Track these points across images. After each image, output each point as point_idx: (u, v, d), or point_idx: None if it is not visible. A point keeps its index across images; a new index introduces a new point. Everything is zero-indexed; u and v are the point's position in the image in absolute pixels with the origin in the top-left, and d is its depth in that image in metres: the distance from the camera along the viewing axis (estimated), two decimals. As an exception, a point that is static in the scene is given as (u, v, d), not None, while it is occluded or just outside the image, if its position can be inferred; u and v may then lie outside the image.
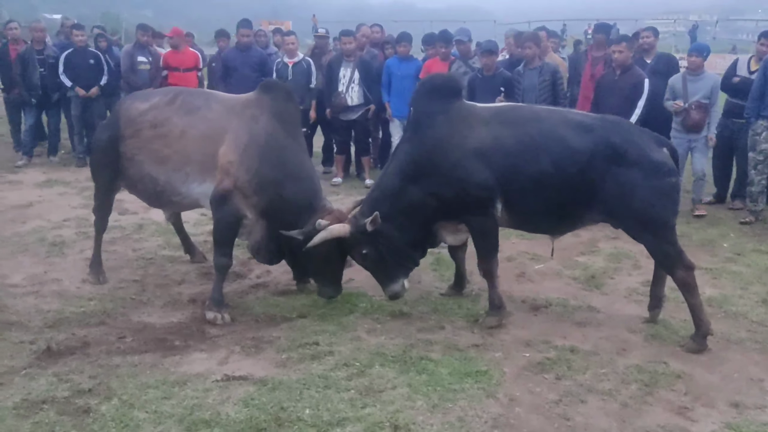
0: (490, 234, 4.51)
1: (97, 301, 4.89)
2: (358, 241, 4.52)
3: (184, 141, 4.69)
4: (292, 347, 4.17)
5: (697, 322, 4.24)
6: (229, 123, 4.67)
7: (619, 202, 4.21)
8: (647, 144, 4.27)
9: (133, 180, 4.96)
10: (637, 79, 6.83)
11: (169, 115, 4.76)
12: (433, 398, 3.59)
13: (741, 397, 3.69)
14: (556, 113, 4.64)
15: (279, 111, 4.73)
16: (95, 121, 9.57)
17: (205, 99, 4.93)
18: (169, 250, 6.06)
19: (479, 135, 4.37)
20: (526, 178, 4.29)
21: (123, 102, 5.09)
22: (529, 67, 7.31)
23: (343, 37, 8.78)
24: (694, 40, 32.02)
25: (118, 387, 3.68)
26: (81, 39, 9.45)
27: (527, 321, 4.69)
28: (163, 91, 5.23)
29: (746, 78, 7.28)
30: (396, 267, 4.63)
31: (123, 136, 4.84)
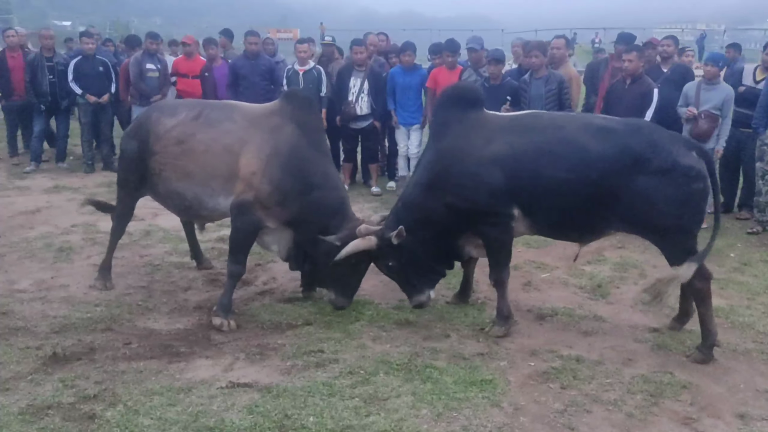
0: (503, 244, 4.48)
1: (103, 307, 4.91)
2: (383, 254, 4.59)
3: (209, 156, 4.71)
4: (297, 355, 4.17)
5: (705, 332, 4.22)
6: (252, 134, 4.69)
7: (642, 208, 4.10)
8: (674, 147, 4.12)
9: (162, 195, 5.04)
10: (647, 89, 6.82)
11: (194, 130, 4.79)
12: (437, 407, 3.59)
13: (747, 408, 3.67)
14: (577, 119, 4.62)
15: (302, 121, 4.75)
16: (104, 128, 9.69)
17: (228, 112, 4.91)
18: (176, 256, 6.09)
19: (495, 143, 4.35)
20: (545, 184, 4.21)
21: (150, 115, 5.05)
22: (535, 77, 7.31)
23: (354, 47, 8.74)
24: (701, 49, 31.97)
25: (124, 393, 3.69)
26: (90, 47, 9.51)
27: (533, 330, 4.68)
28: (188, 105, 5.24)
29: (752, 87, 7.26)
30: (421, 278, 4.71)
31: (151, 151, 4.88)
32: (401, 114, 8.53)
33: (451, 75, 8.18)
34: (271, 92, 8.84)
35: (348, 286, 4.78)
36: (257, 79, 9.01)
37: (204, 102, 5.47)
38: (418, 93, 8.59)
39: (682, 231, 4.15)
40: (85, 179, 9.19)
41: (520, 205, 4.34)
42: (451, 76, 8.17)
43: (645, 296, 4.38)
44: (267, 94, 8.70)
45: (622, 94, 6.87)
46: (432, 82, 8.33)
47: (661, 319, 4.87)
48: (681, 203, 4.05)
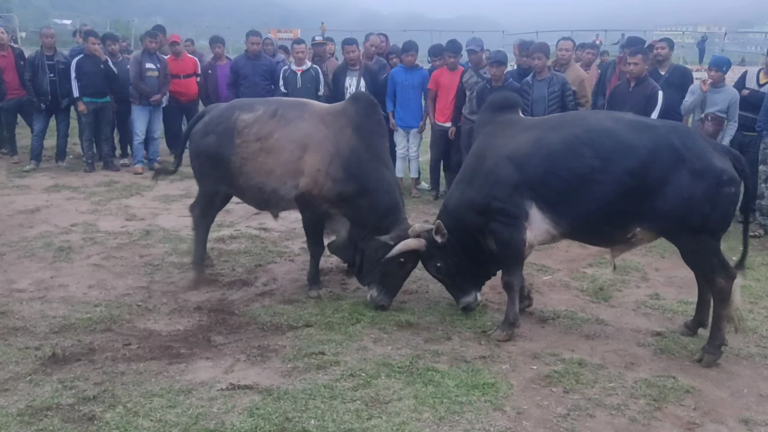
0: (514, 245, 4.44)
1: (103, 307, 4.88)
2: (431, 255, 4.74)
3: (286, 154, 4.97)
4: (297, 356, 4.14)
5: (715, 331, 4.19)
6: (319, 133, 4.96)
7: (672, 205, 4.03)
8: (709, 150, 4.08)
9: (242, 189, 5.23)
10: (651, 91, 6.80)
11: (272, 128, 5.03)
12: (439, 410, 3.56)
13: (751, 413, 3.64)
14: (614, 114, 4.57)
15: (362, 124, 4.97)
16: (104, 127, 9.65)
17: (300, 110, 5.15)
18: (176, 256, 6.06)
19: (517, 140, 4.41)
20: (573, 176, 4.17)
21: (231, 113, 5.20)
22: (537, 78, 7.28)
23: (346, 46, 8.70)
24: (703, 52, 32.05)
25: (123, 394, 3.66)
26: (95, 48, 9.46)
27: (535, 333, 4.65)
28: (265, 102, 5.40)
29: (755, 91, 7.24)
30: (467, 280, 4.82)
31: (233, 147, 5.07)
32: (401, 115, 8.51)
33: (452, 76, 8.19)
34: (271, 92, 8.85)
35: (391, 285, 4.91)
36: (258, 79, 9.06)
37: (278, 100, 5.69)
38: (419, 93, 8.57)
39: (708, 233, 4.10)
40: (84, 178, 9.17)
41: (540, 201, 4.30)
42: (452, 77, 8.18)
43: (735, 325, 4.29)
44: (267, 94, 8.71)
45: (627, 96, 6.85)
46: (433, 83, 8.33)
47: (664, 323, 4.85)
48: (710, 205, 4.01)
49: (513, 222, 4.39)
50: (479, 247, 4.71)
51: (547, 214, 4.34)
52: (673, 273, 5.85)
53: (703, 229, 4.07)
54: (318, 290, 5.16)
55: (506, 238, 4.45)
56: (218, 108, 5.48)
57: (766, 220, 7.08)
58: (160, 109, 9.87)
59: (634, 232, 4.22)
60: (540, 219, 4.37)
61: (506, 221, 4.40)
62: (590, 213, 4.21)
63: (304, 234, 6.77)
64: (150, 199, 8.20)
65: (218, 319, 4.72)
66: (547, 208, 4.32)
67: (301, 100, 5.64)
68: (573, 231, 4.43)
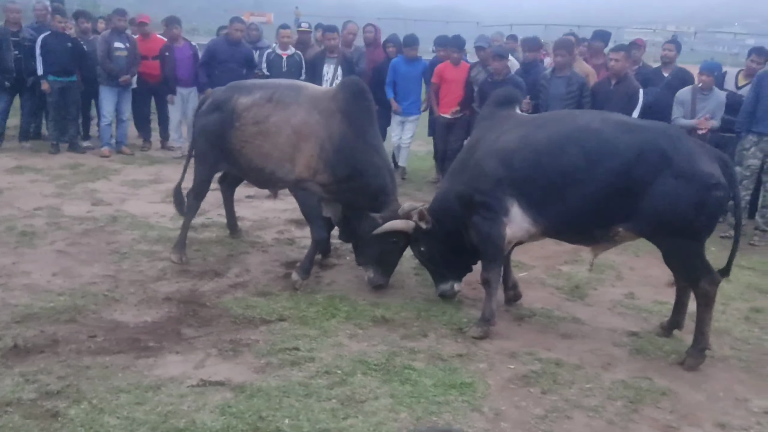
0: (492, 240, 4.41)
1: (67, 296, 4.69)
2: (417, 238, 4.87)
3: (281, 138, 5.04)
4: (271, 352, 4.03)
5: (699, 336, 4.18)
6: (313, 118, 5.01)
7: (656, 207, 3.99)
8: (697, 154, 4.04)
9: (244, 169, 5.39)
10: (632, 90, 6.80)
11: (268, 112, 5.11)
12: (417, 410, 3.49)
13: (727, 417, 3.64)
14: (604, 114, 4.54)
15: (352, 109, 4.99)
16: (71, 107, 9.33)
17: (296, 93, 5.21)
18: (144, 244, 5.87)
19: (506, 136, 4.40)
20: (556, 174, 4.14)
21: (231, 95, 5.30)
22: (557, 75, 7.20)
23: (326, 33, 8.74)
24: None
25: (89, 390, 3.52)
26: (63, 26, 9.13)
27: (511, 331, 4.61)
28: (262, 85, 5.50)
29: (733, 93, 7.29)
30: (448, 268, 4.91)
31: (233, 129, 5.19)
32: (401, 104, 8.74)
33: (456, 70, 8.35)
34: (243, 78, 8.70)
35: (387, 265, 5.07)
36: (234, 65, 8.97)
37: (276, 82, 5.69)
38: (418, 84, 8.82)
39: (691, 237, 4.07)
40: (49, 160, 8.86)
41: (522, 198, 4.26)
42: (456, 71, 8.34)
43: None
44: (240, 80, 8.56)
45: (609, 95, 6.85)
46: (437, 77, 8.46)
47: (639, 323, 4.85)
48: (696, 209, 3.96)
49: (493, 217, 4.36)
50: (462, 238, 4.70)
51: (528, 211, 4.30)
52: (648, 272, 5.87)
53: (687, 233, 4.03)
54: (303, 280, 5.07)
55: (486, 233, 4.43)
56: (218, 90, 5.61)
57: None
58: (129, 90, 9.60)
59: (616, 232, 4.18)
60: (520, 216, 4.33)
61: (487, 215, 4.39)
62: (572, 212, 4.17)
63: (276, 224, 6.73)
64: (118, 184, 7.97)
65: (189, 311, 4.57)
66: (529, 205, 4.28)
67: (297, 83, 5.72)
68: (554, 229, 4.38)
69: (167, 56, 9.45)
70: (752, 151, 6.94)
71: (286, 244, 6.14)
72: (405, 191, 8.13)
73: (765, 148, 6.91)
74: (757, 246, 6.94)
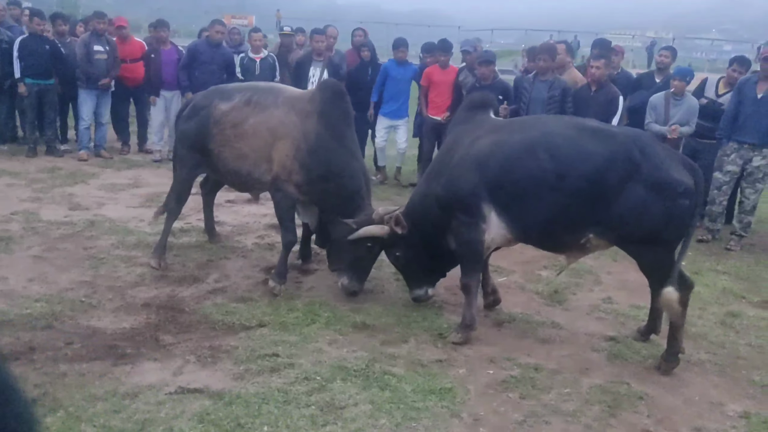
0: (474, 247, 4.41)
1: (44, 302, 4.64)
2: (392, 243, 4.84)
3: (259, 140, 5.07)
4: (250, 358, 4.01)
5: (672, 341, 4.22)
6: (290, 119, 5.03)
7: (627, 214, 4.01)
8: (668, 161, 4.07)
9: (222, 172, 5.42)
10: (612, 96, 6.89)
11: (246, 114, 5.14)
12: (396, 416, 3.49)
13: (703, 421, 3.69)
14: (576, 120, 4.58)
15: (329, 111, 5.00)
16: (48, 110, 9.23)
17: (274, 96, 5.23)
18: (122, 249, 5.82)
19: (481, 141, 4.40)
20: (528, 180, 4.16)
21: (210, 100, 5.34)
22: (540, 79, 7.26)
23: (315, 35, 8.80)
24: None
25: (65, 398, 3.48)
26: (41, 28, 9.03)
27: (491, 336, 4.63)
28: (241, 89, 5.49)
29: (713, 101, 7.41)
30: (424, 273, 4.91)
31: (211, 134, 5.23)
32: (391, 107, 8.81)
33: (444, 74, 8.45)
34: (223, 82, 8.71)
35: (360, 270, 5.04)
36: (215, 68, 8.96)
37: (254, 86, 5.68)
38: (408, 87, 8.93)
39: (661, 244, 4.09)
40: (26, 164, 8.75)
41: (497, 204, 4.28)
42: (444, 74, 8.44)
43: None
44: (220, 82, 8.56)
45: (589, 101, 6.91)
46: (426, 80, 8.55)
47: (617, 328, 4.89)
48: (665, 216, 4.00)
49: (472, 222, 4.37)
50: (438, 243, 4.70)
51: (503, 216, 4.32)
52: (625, 277, 5.92)
53: (657, 240, 4.07)
54: (281, 285, 5.07)
55: (465, 238, 4.44)
56: (199, 95, 5.63)
57: (714, 225, 7.25)
58: (108, 94, 9.51)
59: (587, 239, 4.21)
60: (497, 221, 4.35)
61: (466, 220, 4.39)
62: (543, 218, 4.20)
63: (256, 229, 6.71)
64: (95, 188, 7.89)
65: (167, 317, 4.54)
66: (503, 210, 4.30)
67: (276, 86, 5.77)
68: (526, 235, 4.41)
69: (153, 58, 9.40)
70: (732, 157, 7.05)
71: (267, 249, 6.12)
72: (387, 195, 8.15)
73: (745, 155, 7.03)
74: (732, 251, 7.03)
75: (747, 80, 7.10)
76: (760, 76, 6.99)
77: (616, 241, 4.26)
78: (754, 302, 5.55)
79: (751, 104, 6.89)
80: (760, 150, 6.96)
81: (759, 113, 6.86)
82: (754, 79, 7.04)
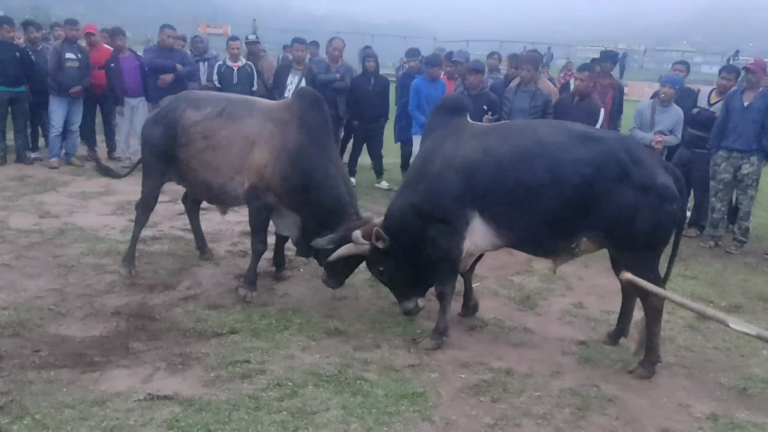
0: (451, 256, 4.39)
1: (11, 310, 4.57)
2: (374, 258, 4.65)
3: (232, 151, 4.99)
4: (221, 365, 3.99)
5: (650, 348, 4.25)
6: (266, 129, 4.96)
7: (614, 219, 4.03)
8: (653, 166, 4.09)
9: (191, 183, 5.32)
10: (594, 108, 7.05)
11: (218, 126, 5.04)
12: (368, 421, 3.49)
13: (670, 422, 3.74)
14: (563, 125, 4.57)
15: (308, 120, 4.95)
16: (18, 118, 9.12)
17: (248, 107, 5.15)
18: (92, 257, 5.75)
19: (464, 148, 4.32)
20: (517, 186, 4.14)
21: (177, 107, 5.22)
22: (522, 89, 7.34)
23: (295, 44, 8.95)
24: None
25: (32, 405, 3.43)
26: (10, 35, 8.92)
27: (463, 341, 4.65)
28: (213, 100, 5.33)
29: (705, 110, 7.60)
30: (409, 285, 4.72)
31: (179, 143, 5.12)
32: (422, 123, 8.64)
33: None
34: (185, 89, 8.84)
35: (341, 272, 4.96)
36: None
37: (226, 97, 5.54)
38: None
39: (647, 248, 4.11)
40: (-6, 171, 8.63)
41: (482, 211, 4.26)
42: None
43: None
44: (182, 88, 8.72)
45: (570, 110, 7.04)
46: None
47: (587, 332, 4.95)
48: (651, 220, 4.00)
49: (451, 231, 4.33)
50: (420, 253, 4.59)
51: (492, 224, 4.29)
52: (596, 282, 6.00)
53: (643, 244, 4.08)
54: (251, 292, 5.03)
55: (443, 247, 4.39)
56: (167, 100, 5.49)
57: (716, 232, 7.46)
58: (80, 102, 9.43)
59: (578, 243, 4.22)
60: (484, 229, 4.32)
61: (445, 230, 4.34)
62: (535, 223, 4.18)
63: (229, 236, 6.67)
64: (66, 196, 7.79)
65: (137, 325, 4.50)
66: (492, 218, 4.27)
67: (249, 98, 5.69)
68: (517, 241, 4.39)
69: (113, 67, 9.34)
70: (723, 166, 7.25)
71: (240, 257, 6.09)
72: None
73: (735, 162, 7.21)
74: (734, 254, 7.27)
75: (734, 93, 7.34)
76: (746, 86, 7.22)
77: (604, 245, 4.25)
78: (721, 307, 5.64)
79: (738, 113, 7.12)
80: (748, 158, 7.16)
81: (746, 120, 7.08)
82: (740, 89, 7.29)
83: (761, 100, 7.03)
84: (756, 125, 7.06)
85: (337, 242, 4.71)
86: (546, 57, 26.11)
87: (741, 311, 5.62)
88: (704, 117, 7.51)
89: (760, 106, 7.01)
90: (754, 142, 7.11)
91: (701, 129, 7.49)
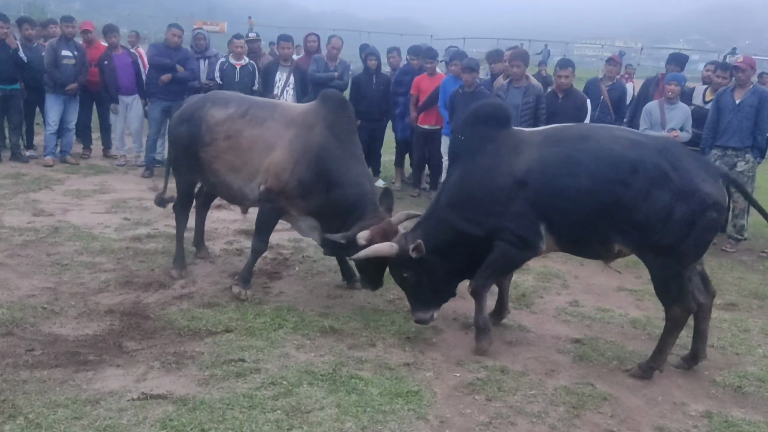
0: (514, 264, 4.39)
1: (5, 309, 4.54)
2: (401, 263, 4.46)
3: (253, 153, 4.98)
4: (216, 364, 3.97)
5: (656, 355, 4.22)
6: (288, 132, 4.94)
7: (649, 224, 3.93)
8: (697, 172, 3.96)
9: (213, 183, 5.31)
10: (580, 102, 7.10)
11: (241, 127, 5.04)
12: (362, 420, 3.48)
13: (665, 421, 3.74)
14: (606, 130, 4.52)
15: (333, 121, 4.92)
16: (12, 115, 9.09)
17: (271, 110, 5.14)
18: (86, 255, 5.73)
19: (524, 161, 4.19)
20: (567, 198, 4.07)
21: (203, 105, 5.23)
22: (514, 85, 7.35)
23: (282, 42, 8.92)
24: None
25: (25, 404, 3.41)
26: (3, 32, 8.89)
27: (459, 339, 4.65)
28: (237, 101, 5.30)
29: (700, 107, 7.63)
30: (431, 296, 4.56)
31: (203, 142, 5.12)
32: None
33: (432, 81, 8.56)
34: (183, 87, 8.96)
35: (373, 273, 4.86)
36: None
37: (251, 100, 5.49)
38: None
39: (679, 256, 4.00)
40: (-10, 169, 8.61)
41: (548, 222, 4.18)
42: (432, 82, 8.55)
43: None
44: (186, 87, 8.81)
45: (557, 107, 7.08)
46: (415, 88, 8.67)
47: (583, 330, 4.95)
48: (688, 228, 3.91)
49: (526, 245, 4.22)
50: (460, 267, 4.47)
51: (554, 232, 4.22)
52: (592, 281, 6.00)
53: (674, 252, 3.98)
54: (246, 290, 5.02)
55: (512, 257, 4.31)
56: (193, 98, 5.51)
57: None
58: (76, 99, 9.41)
59: (618, 246, 4.15)
60: (547, 238, 4.25)
61: (518, 244, 4.22)
62: (583, 228, 4.13)
63: (225, 234, 6.66)
64: (60, 194, 7.77)
65: (131, 324, 4.48)
66: (553, 227, 4.21)
67: (273, 101, 5.72)
68: (572, 246, 4.37)
69: (107, 65, 9.32)
70: (717, 164, 7.21)
71: (235, 255, 6.08)
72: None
73: (728, 161, 7.22)
74: (729, 252, 7.30)
75: (724, 90, 7.34)
76: (736, 84, 7.24)
77: (636, 248, 4.13)
78: (716, 305, 5.59)
79: (730, 111, 7.14)
80: (743, 155, 7.17)
81: (738, 118, 7.11)
82: (731, 88, 7.29)
83: (752, 97, 7.06)
84: (749, 122, 7.09)
85: (350, 239, 4.64)
86: (543, 54, 26.04)
87: (736, 309, 5.63)
88: (699, 114, 7.54)
89: (752, 102, 7.05)
90: (748, 139, 7.13)
91: (696, 126, 7.51)
